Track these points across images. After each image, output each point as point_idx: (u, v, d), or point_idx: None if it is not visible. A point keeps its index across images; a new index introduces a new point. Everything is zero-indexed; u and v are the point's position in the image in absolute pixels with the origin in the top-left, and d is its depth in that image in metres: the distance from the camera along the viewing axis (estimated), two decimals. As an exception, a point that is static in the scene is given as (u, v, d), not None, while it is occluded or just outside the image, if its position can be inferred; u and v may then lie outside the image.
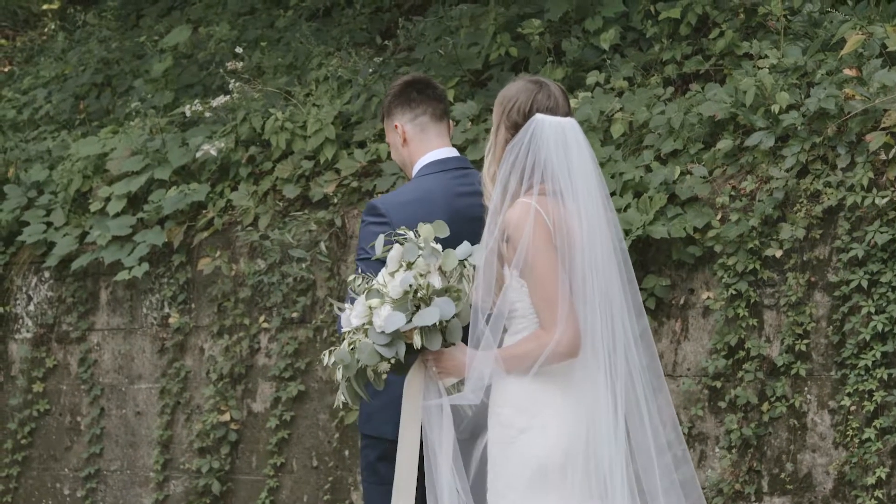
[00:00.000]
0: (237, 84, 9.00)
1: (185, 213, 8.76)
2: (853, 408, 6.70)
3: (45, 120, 10.39)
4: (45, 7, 12.92)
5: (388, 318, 4.78)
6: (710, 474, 7.00)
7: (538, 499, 4.75)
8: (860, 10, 7.51)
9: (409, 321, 4.80)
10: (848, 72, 6.99)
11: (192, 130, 9.07)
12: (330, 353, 4.93)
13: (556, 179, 4.77)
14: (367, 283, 4.94)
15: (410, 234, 4.93)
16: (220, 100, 9.04)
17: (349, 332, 4.89)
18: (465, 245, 4.94)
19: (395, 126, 5.51)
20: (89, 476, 8.98)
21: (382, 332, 4.80)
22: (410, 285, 4.79)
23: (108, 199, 8.97)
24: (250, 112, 8.74)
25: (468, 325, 4.90)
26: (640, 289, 7.19)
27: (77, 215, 9.18)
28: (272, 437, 8.34)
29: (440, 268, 4.87)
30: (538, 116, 4.82)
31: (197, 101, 9.25)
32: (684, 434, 7.04)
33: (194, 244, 8.69)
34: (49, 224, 9.22)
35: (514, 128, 4.85)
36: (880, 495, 6.60)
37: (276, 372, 8.32)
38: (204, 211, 8.74)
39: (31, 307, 9.29)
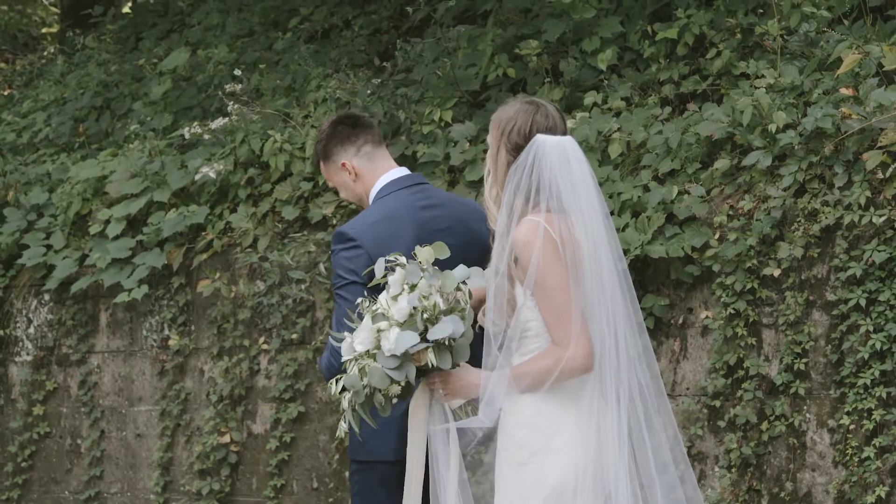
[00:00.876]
0: (236, 106, 9.02)
1: (184, 235, 8.78)
2: (852, 426, 6.70)
3: (44, 143, 10.41)
4: (44, 31, 12.96)
5: (398, 339, 4.77)
6: (710, 494, 7.00)
7: None
8: (856, 30, 7.53)
9: (421, 339, 4.81)
10: (845, 91, 7.00)
11: (191, 153, 9.09)
12: (337, 381, 4.91)
13: (560, 198, 4.79)
14: (372, 305, 4.94)
15: (402, 259, 4.95)
16: (219, 122, 9.07)
17: (355, 357, 4.89)
18: (462, 268, 4.95)
19: (343, 164, 5.55)
20: (90, 499, 8.98)
21: (392, 356, 4.80)
22: (415, 307, 4.81)
23: (107, 222, 8.99)
24: (249, 134, 8.76)
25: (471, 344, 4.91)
26: (640, 308, 7.20)
27: (77, 238, 9.20)
28: (272, 458, 8.34)
29: (439, 290, 4.88)
30: (539, 137, 4.84)
31: (196, 123, 9.27)
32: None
33: (193, 266, 8.70)
34: (49, 247, 9.24)
35: (516, 150, 4.86)
36: (880, 514, 6.61)
37: (275, 393, 8.32)
38: (203, 233, 8.75)
39: (31, 330, 9.29)
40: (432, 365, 4.82)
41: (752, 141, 7.09)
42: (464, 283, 4.92)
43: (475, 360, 4.95)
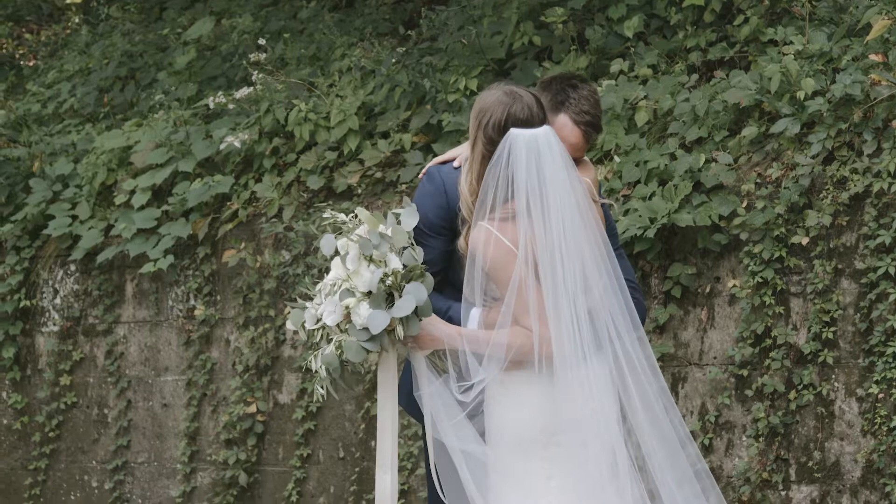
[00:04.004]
0: (260, 76, 9.00)
1: (209, 206, 8.77)
2: (881, 395, 6.66)
3: (69, 113, 10.41)
4: (68, 1, 12.94)
5: (370, 319, 4.92)
6: (738, 463, 6.98)
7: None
8: (886, -5, 7.46)
9: (387, 312, 4.95)
10: (874, 57, 6.94)
11: (216, 122, 9.08)
12: (315, 358, 5.03)
13: (527, 195, 4.91)
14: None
15: (348, 221, 5.04)
16: (244, 91, 9.04)
17: (328, 330, 5.01)
18: (406, 212, 5.07)
19: None
20: (117, 468, 9.00)
21: (365, 329, 4.92)
22: (382, 279, 4.94)
23: (132, 192, 8.99)
24: (274, 104, 8.73)
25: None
26: (666, 277, 7.18)
27: (102, 208, 9.20)
28: (298, 428, 8.34)
29: (393, 249, 5.02)
30: (512, 132, 4.93)
31: (220, 93, 9.25)
32: (711, 423, 7.03)
33: (219, 236, 8.70)
34: (74, 217, 9.24)
35: (491, 143, 4.95)
36: (909, 483, 6.57)
37: (301, 363, 8.32)
38: (228, 203, 8.74)
39: (58, 300, 9.31)
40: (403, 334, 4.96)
41: (781, 108, 7.04)
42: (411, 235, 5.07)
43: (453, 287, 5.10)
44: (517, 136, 4.93)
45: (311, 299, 5.10)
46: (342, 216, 5.09)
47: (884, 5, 7.18)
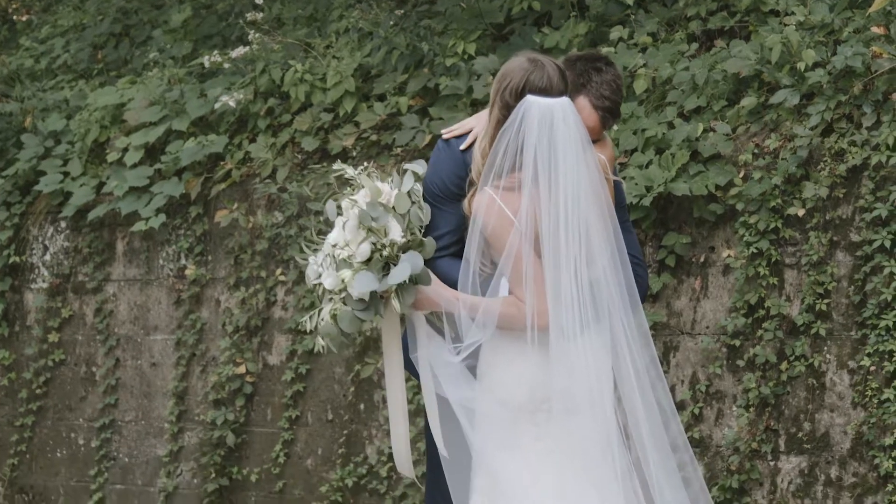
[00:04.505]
0: (257, 35, 8.95)
1: (202, 165, 8.73)
2: (873, 368, 6.67)
3: (62, 69, 10.35)
4: (63, -44, 12.86)
5: (358, 282, 4.94)
6: (727, 432, 6.98)
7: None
8: (888, -32, 7.44)
9: (382, 281, 4.98)
10: (875, 29, 6.92)
11: (211, 81, 9.03)
12: (310, 318, 5.06)
13: (536, 164, 4.90)
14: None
15: (356, 176, 5.04)
16: (240, 51, 9.00)
17: (327, 295, 5.03)
18: (408, 177, 5.09)
19: None
20: (104, 426, 8.98)
21: (361, 300, 4.96)
22: (374, 246, 4.97)
23: (125, 150, 8.94)
24: (269, 64, 8.69)
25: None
26: (660, 246, 7.18)
27: (94, 165, 9.15)
28: (287, 389, 8.33)
29: (394, 208, 5.03)
30: (528, 98, 4.93)
31: (216, 52, 9.20)
32: (701, 392, 7.03)
33: (211, 196, 8.66)
34: (66, 174, 9.19)
35: (507, 108, 4.95)
36: (899, 456, 6.59)
37: (292, 325, 8.30)
38: (222, 163, 8.71)
39: (48, 257, 9.27)
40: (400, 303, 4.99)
41: (780, 79, 7.02)
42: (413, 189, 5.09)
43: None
44: (532, 102, 4.92)
45: (316, 251, 5.10)
46: (352, 170, 5.08)
47: (887, -23, 7.16)
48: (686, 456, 5.10)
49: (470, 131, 5.18)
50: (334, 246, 5.05)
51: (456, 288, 5.03)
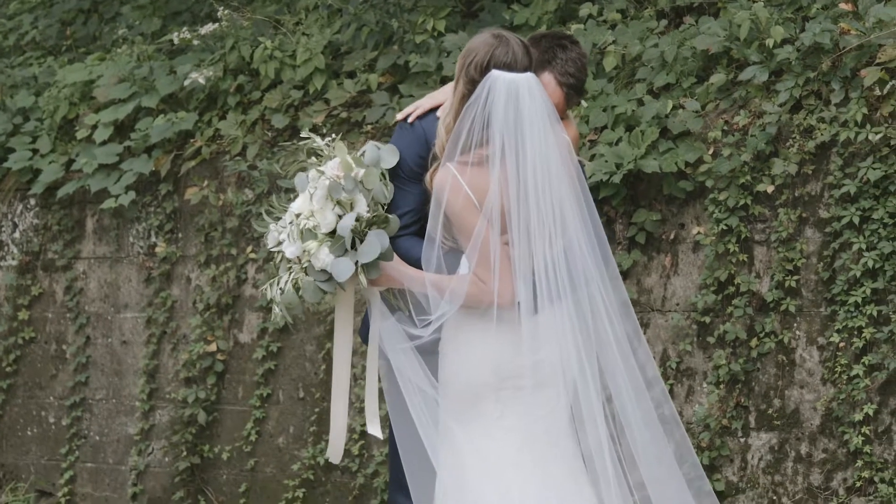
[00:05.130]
0: (226, 12, 8.91)
1: (172, 142, 8.70)
2: (842, 344, 6.70)
3: (31, 46, 10.29)
4: (31, -68, 12.76)
5: (335, 266, 4.97)
6: (698, 409, 7.00)
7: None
8: (857, -55, 7.44)
9: (347, 255, 5.02)
10: (844, 6, 6.92)
11: (180, 58, 8.99)
12: (271, 286, 5.11)
13: (503, 138, 4.92)
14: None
15: (324, 147, 5.05)
16: (209, 28, 8.96)
17: (286, 263, 5.05)
18: (371, 148, 5.11)
19: None
20: (74, 404, 8.96)
21: (323, 270, 4.99)
22: (339, 218, 5.02)
23: (94, 127, 8.90)
24: (239, 40, 8.65)
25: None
26: (630, 223, 7.18)
27: (63, 142, 9.11)
28: (258, 367, 8.32)
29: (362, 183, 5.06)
30: (493, 73, 4.95)
31: (185, 28, 9.16)
32: (672, 369, 7.05)
33: (181, 173, 8.63)
34: (35, 151, 9.15)
35: (471, 83, 4.98)
36: (867, 432, 6.61)
37: (263, 303, 8.29)
38: (191, 140, 8.67)
39: (17, 234, 9.23)
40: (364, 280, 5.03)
41: (749, 56, 7.02)
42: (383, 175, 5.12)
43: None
44: (497, 77, 4.95)
45: (277, 218, 5.12)
46: (319, 140, 5.10)
47: (856, -46, 7.16)
48: (672, 425, 5.12)
49: (436, 106, 5.19)
50: (298, 215, 5.06)
51: (416, 266, 5.04)
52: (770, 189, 6.86)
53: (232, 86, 8.63)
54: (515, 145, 4.93)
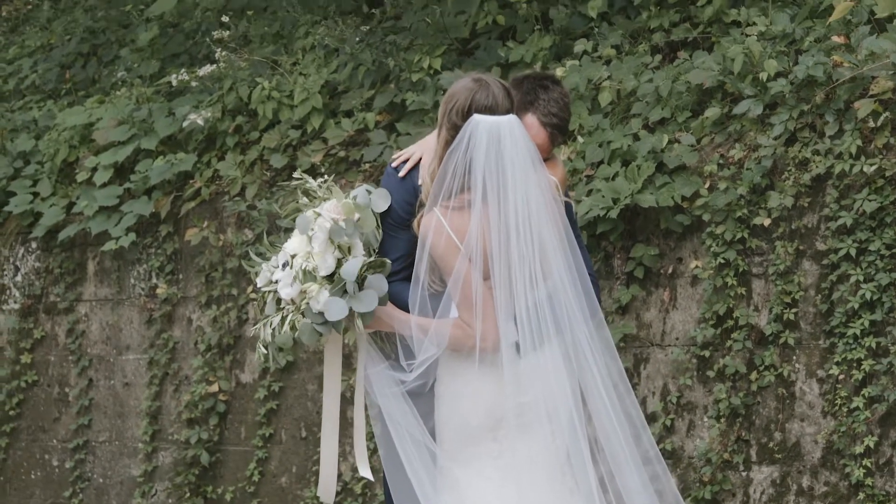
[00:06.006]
0: (224, 53, 8.95)
1: (171, 183, 8.73)
2: (842, 377, 6.69)
3: (31, 90, 10.34)
4: (30, -24, 12.84)
5: (328, 306, 4.98)
6: (699, 444, 7.00)
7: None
8: (849, -23, 7.46)
9: (345, 298, 5.04)
10: (836, 39, 6.95)
11: (179, 100, 9.03)
12: (264, 326, 5.11)
13: (484, 182, 4.94)
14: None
15: (318, 188, 5.07)
16: (207, 69, 9.00)
17: (278, 305, 5.07)
18: (362, 193, 5.13)
19: None
20: (78, 447, 8.97)
21: (321, 313, 5.01)
22: (339, 262, 5.03)
23: (94, 170, 8.93)
24: (237, 81, 8.69)
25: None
26: (629, 258, 7.19)
27: (64, 185, 9.14)
28: (261, 407, 8.32)
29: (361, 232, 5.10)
30: (475, 117, 4.98)
31: (183, 70, 9.20)
32: (672, 404, 7.05)
33: (181, 214, 8.66)
34: (36, 194, 9.18)
35: (454, 129, 5.00)
36: (868, 464, 6.60)
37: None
38: (191, 181, 8.70)
39: (19, 278, 9.25)
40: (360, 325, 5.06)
41: (743, 89, 7.04)
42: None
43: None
44: (479, 121, 4.97)
45: (267, 259, 5.14)
46: (313, 181, 5.12)
47: (846, -13, 7.19)
48: (658, 468, 5.12)
49: (419, 160, 5.21)
50: (293, 256, 5.07)
51: (408, 311, 5.06)
52: (767, 222, 6.87)
53: (230, 126, 8.66)
54: (497, 188, 4.94)
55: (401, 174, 5.20)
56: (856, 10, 7.00)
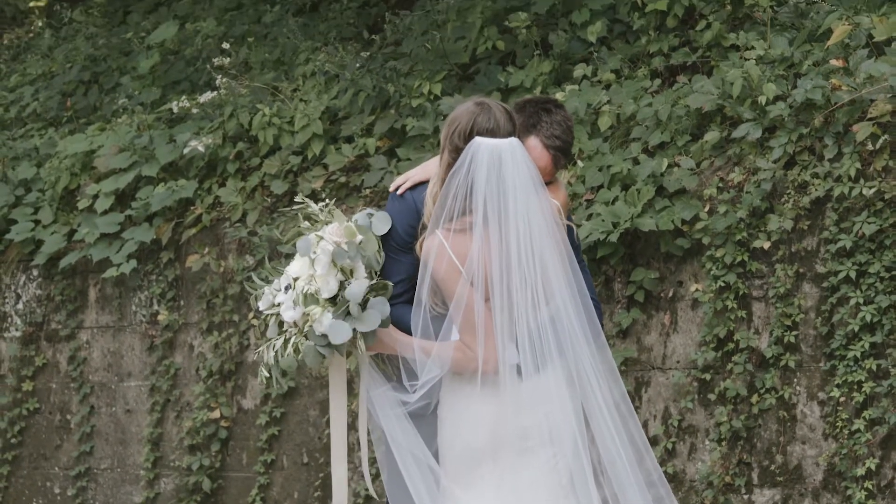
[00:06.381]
0: (224, 80, 8.98)
1: (172, 210, 8.74)
2: (842, 399, 6.69)
3: (32, 117, 10.36)
4: (31, 4, 12.89)
5: (332, 329, 4.99)
6: (700, 467, 6.99)
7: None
8: (846, 1, 7.49)
9: (348, 320, 5.05)
10: (835, 62, 6.97)
11: (180, 127, 9.05)
12: (268, 348, 5.11)
13: (485, 205, 4.95)
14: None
15: (320, 212, 5.09)
16: (208, 96, 9.02)
17: (281, 328, 5.08)
18: (363, 217, 5.14)
19: None
20: (80, 475, 8.96)
21: (325, 335, 5.02)
22: (341, 284, 5.04)
23: (95, 197, 8.95)
24: (237, 108, 8.72)
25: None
26: (629, 282, 7.20)
27: (65, 213, 9.16)
28: (262, 433, 8.32)
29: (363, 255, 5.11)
30: (476, 140, 4.99)
31: (184, 97, 9.23)
32: (674, 427, 7.05)
33: (182, 241, 8.67)
34: (37, 222, 9.20)
35: (456, 151, 5.01)
36: (870, 486, 6.60)
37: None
38: (192, 207, 8.72)
39: (20, 305, 9.26)
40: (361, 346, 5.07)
41: (742, 113, 7.06)
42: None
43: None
44: (480, 143, 4.98)
45: (269, 281, 5.15)
46: (314, 206, 5.13)
47: (844, 11, 7.22)
48: (662, 490, 5.11)
49: (419, 182, 5.24)
50: (296, 279, 5.08)
51: (410, 334, 5.07)
52: (766, 245, 6.88)
53: (231, 153, 8.69)
54: (498, 210, 4.96)
55: (399, 192, 5.22)
56: (854, 34, 7.03)
